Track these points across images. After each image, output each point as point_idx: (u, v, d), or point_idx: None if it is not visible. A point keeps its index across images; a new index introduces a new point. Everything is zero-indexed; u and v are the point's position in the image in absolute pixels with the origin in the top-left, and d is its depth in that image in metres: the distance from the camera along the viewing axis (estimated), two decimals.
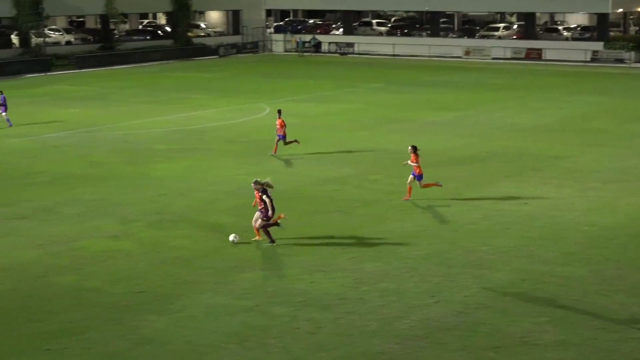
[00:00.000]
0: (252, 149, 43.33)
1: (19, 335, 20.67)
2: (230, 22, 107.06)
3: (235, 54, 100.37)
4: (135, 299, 22.98)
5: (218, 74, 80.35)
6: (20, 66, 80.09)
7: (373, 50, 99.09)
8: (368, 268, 25.36)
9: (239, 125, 50.83)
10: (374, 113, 55.40)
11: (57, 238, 28.40)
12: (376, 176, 37.32)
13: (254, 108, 57.72)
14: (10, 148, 43.73)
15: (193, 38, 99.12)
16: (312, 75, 78.73)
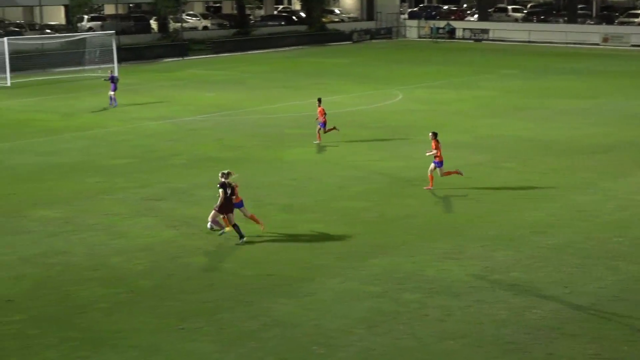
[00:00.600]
0: (384, 134, 43.26)
1: (156, 313, 21.12)
2: (364, 8, 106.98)
3: (369, 40, 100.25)
4: (265, 282, 23.21)
5: (351, 60, 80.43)
6: (158, 51, 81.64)
7: (508, 36, 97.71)
8: (499, 256, 25.06)
9: (372, 111, 50.82)
10: (507, 100, 54.68)
11: (192, 219, 28.89)
12: (508, 164, 36.83)
13: (386, 94, 57.63)
14: (150, 130, 44.66)
15: (327, 24, 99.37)
16: (445, 62, 78.16)
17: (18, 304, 21.74)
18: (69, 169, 36.24)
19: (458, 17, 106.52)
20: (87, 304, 21.71)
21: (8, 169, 36.38)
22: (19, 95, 58.08)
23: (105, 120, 47.95)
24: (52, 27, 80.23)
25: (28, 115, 50.29)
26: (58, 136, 43.24)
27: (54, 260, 24.97)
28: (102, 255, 25.39)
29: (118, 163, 37.44)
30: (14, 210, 30.03)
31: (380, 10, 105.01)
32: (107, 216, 29.31)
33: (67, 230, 27.75)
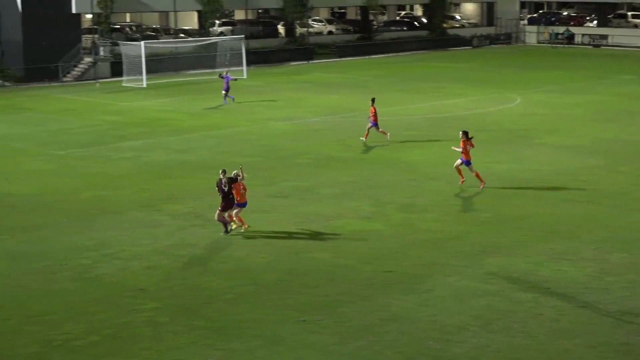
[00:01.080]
0: (501, 137, 42.74)
1: (278, 305, 21.29)
2: (484, 14, 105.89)
3: (488, 45, 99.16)
4: (384, 278, 23.18)
5: (471, 64, 79.72)
6: (285, 54, 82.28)
7: (627, 42, 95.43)
8: (614, 259, 24.51)
9: (490, 114, 50.26)
10: (624, 105, 53.44)
11: (315, 217, 29.04)
12: (624, 167, 35.98)
13: (504, 98, 56.92)
14: (275, 130, 45.05)
15: (448, 29, 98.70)
16: (563, 67, 76.77)
17: (150, 293, 22.18)
18: (199, 166, 36.81)
19: (577, 23, 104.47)
20: (214, 295, 22.02)
21: (143, 165, 37.16)
22: (154, 95, 59.28)
23: (233, 120, 48.56)
24: (186, 31, 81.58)
25: (162, 114, 51.28)
26: (189, 135, 43.97)
27: (183, 252, 25.41)
28: (229, 249, 25.73)
29: (246, 161, 37.80)
30: (148, 205, 30.66)
31: (500, 16, 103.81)
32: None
33: (197, 224, 28.20)
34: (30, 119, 49.69)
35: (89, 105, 55.16)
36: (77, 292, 22.31)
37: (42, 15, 67.47)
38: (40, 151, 40.31)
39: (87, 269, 24.05)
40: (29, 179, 34.65)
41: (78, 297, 21.99)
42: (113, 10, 72.24)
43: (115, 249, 25.70)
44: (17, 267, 24.29)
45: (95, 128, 46.50)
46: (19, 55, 67.16)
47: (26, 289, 22.60)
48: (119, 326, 20.11)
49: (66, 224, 28.36)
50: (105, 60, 69.91)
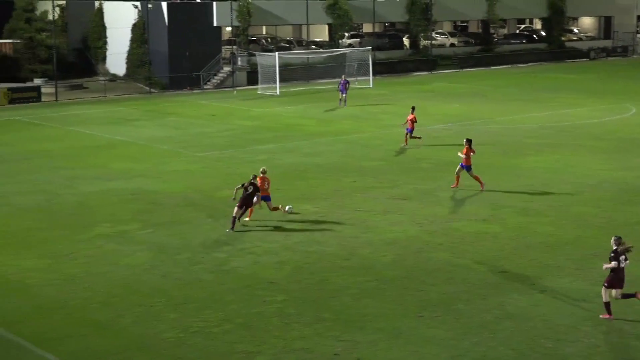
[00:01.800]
0: (617, 146, 41.75)
1: (399, 301, 21.30)
2: (601, 27, 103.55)
3: (605, 57, 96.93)
4: (500, 278, 22.95)
5: (587, 76, 78.04)
6: (409, 65, 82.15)
7: None
8: None
9: (605, 124, 49.13)
10: None
11: (434, 218, 28.93)
12: None
13: (620, 108, 55.54)
14: (400, 137, 44.94)
15: (566, 42, 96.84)
16: None
17: (280, 286, 22.47)
18: (328, 169, 37.06)
19: None
20: (339, 289, 22.17)
21: (277, 167, 37.58)
22: (286, 102, 59.94)
23: (360, 126, 48.73)
24: (317, 43, 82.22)
25: (294, 120, 51.83)
26: (319, 139, 44.32)
27: (312, 249, 25.64)
28: (353, 247, 25.84)
29: (371, 165, 37.96)
30: (279, 204, 30.98)
31: (617, 29, 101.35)
32: (359, 212, 29.80)
33: (324, 223, 28.41)
34: (174, 123, 50.88)
35: (227, 110, 56.16)
36: (214, 283, 22.78)
37: (186, 28, 69.05)
38: (183, 153, 41.25)
39: (223, 262, 24.51)
40: (173, 178, 35.51)
41: (215, 287, 22.45)
42: (251, 23, 73.38)
43: (249, 244, 26.12)
44: (162, 258, 24.94)
45: (232, 132, 47.31)
46: (165, 64, 68.86)
47: (169, 278, 23.18)
48: (251, 316, 20.44)
49: (205, 220, 28.95)
50: (243, 70, 71.06)
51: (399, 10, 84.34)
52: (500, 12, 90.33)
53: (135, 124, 50.89)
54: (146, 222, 28.78)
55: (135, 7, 70.34)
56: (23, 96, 61.17)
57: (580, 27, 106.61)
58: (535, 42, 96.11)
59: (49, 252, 25.51)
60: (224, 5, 71.63)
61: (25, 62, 69.48)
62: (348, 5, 78.94)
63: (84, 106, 59.16)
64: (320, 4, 79.10)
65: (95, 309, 20.96)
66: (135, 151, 41.89)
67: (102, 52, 73.87)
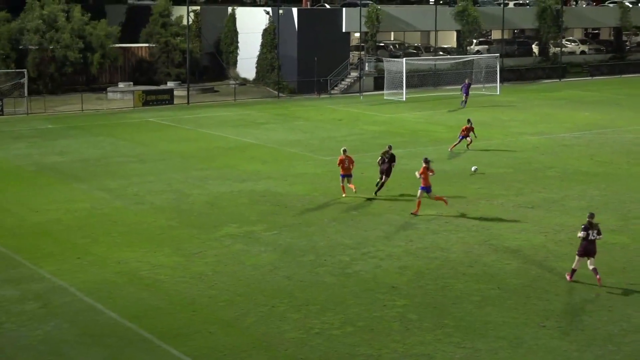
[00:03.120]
0: None
1: (521, 310, 21.01)
2: None
3: None
4: (628, 290, 22.38)
5: None
6: (538, 72, 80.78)
7: None
8: None
9: None
10: None
11: (561, 227, 28.40)
12: None
13: None
14: (528, 144, 44.32)
15: None
16: None
17: (402, 291, 22.45)
18: (454, 175, 36.76)
19: None
20: (461, 296, 22.01)
21: (403, 171, 37.23)
22: (413, 108, 59.76)
23: (488, 133, 48.13)
24: (445, 49, 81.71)
25: (421, 126, 51.64)
26: (446, 146, 44.01)
27: (434, 255, 25.52)
28: (477, 254, 25.61)
29: (497, 172, 37.51)
30: (404, 209, 30.95)
31: None
32: (483, 219, 29.49)
33: (448, 230, 28.24)
34: (302, 127, 51.39)
35: (354, 115, 56.37)
36: (336, 286, 22.92)
37: (315, 33, 69.67)
38: (310, 156, 41.63)
39: (346, 265, 24.64)
40: (300, 181, 35.87)
41: (337, 290, 22.59)
42: (379, 29, 73.47)
43: (372, 248, 26.18)
44: (286, 259, 25.24)
45: (359, 136, 47.47)
46: (294, 69, 69.61)
47: (293, 279, 23.44)
48: (372, 319, 20.49)
49: (330, 223, 29.15)
50: (370, 75, 71.23)
51: (529, 17, 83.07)
52: (634, 19, 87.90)
53: (265, 127, 51.63)
54: (273, 223, 29.17)
55: (267, 12, 71.38)
56: (157, 98, 62.86)
57: None
58: None
59: (179, 250, 26.14)
60: (353, 12, 71.93)
61: (160, 65, 71.49)
62: (477, 11, 78.22)
63: (214, 109, 60.36)
64: (449, 10, 78.60)
65: (221, 307, 21.37)
66: (264, 153, 42.49)
67: (234, 56, 75.21)
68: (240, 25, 74.89)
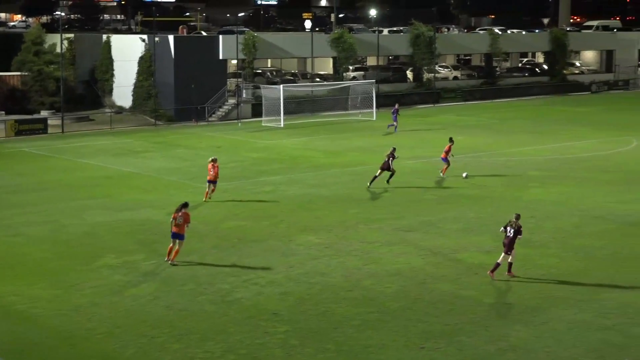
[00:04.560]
0: (622, 178, 41.70)
1: (402, 332, 21.22)
2: (603, 61, 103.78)
3: (607, 91, 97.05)
4: (503, 309, 22.89)
5: (590, 109, 78.09)
6: (413, 98, 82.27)
7: None
8: None
9: (610, 156, 49.10)
10: None
11: (439, 249, 28.87)
12: None
13: (623, 140, 55.52)
14: (406, 168, 44.91)
15: (568, 75, 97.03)
16: None
17: (283, 317, 22.40)
18: (334, 200, 37.04)
19: None
20: (342, 320, 22.10)
21: (282, 198, 37.60)
22: (292, 134, 60.00)
23: (366, 158, 48.71)
24: (321, 75, 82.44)
25: (299, 152, 51.86)
26: (325, 171, 44.33)
27: (315, 280, 25.58)
28: (357, 278, 25.78)
29: (376, 196, 37.92)
30: (284, 235, 31.02)
31: (619, 63, 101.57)
32: (363, 243, 29.76)
33: (328, 255, 28.37)
34: (182, 155, 50.94)
35: (233, 142, 56.25)
36: (218, 314, 22.71)
37: (192, 61, 69.34)
38: (190, 184, 41.27)
39: (227, 292, 24.45)
40: None
41: (218, 318, 22.39)
42: (256, 56, 73.66)
43: (253, 275, 26.07)
44: (166, 288, 24.88)
45: (239, 164, 47.35)
46: (171, 97, 69.07)
47: (173, 309, 23.12)
48: (254, 347, 20.37)
49: (210, 251, 28.91)
50: (248, 102, 71.23)
51: (403, 44, 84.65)
52: (504, 45, 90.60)
53: (143, 155, 50.98)
54: (153, 252, 28.76)
55: (143, 40, 70.71)
56: (30, 128, 61.33)
57: (582, 60, 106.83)
58: (538, 75, 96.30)
59: (56, 282, 25.48)
60: (230, 39, 71.96)
61: (33, 94, 69.80)
62: (353, 38, 79.29)
63: (91, 138, 59.30)
64: (325, 37, 79.44)
65: (100, 340, 20.90)
66: (144, 182, 41.94)
67: (109, 84, 74.13)
68: (115, 53, 73.91)
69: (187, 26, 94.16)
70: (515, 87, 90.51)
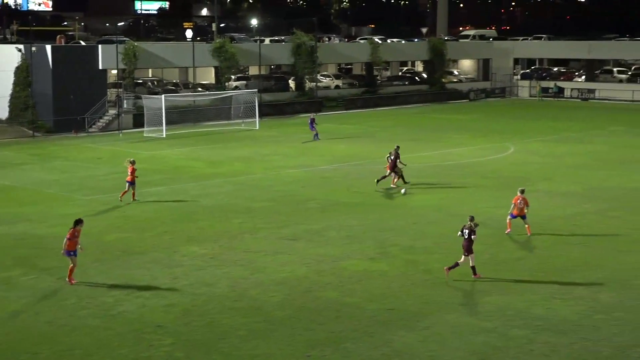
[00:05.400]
0: (500, 183, 42.76)
1: (288, 341, 21.25)
2: (480, 70, 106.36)
3: (484, 98, 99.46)
4: (387, 315, 23.15)
5: (469, 116, 79.89)
6: (296, 107, 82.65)
7: (613, 96, 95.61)
8: (604, 298, 24.44)
9: (488, 163, 50.32)
10: (615, 154, 53.38)
11: (323, 258, 29.05)
12: (616, 212, 35.93)
13: (500, 147, 56.99)
14: (289, 177, 45.15)
15: (447, 84, 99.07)
16: (555, 118, 76.81)
17: (168, 329, 22.17)
18: (217, 210, 36.88)
19: (567, 78, 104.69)
20: (229, 331, 22.01)
21: (166, 209, 37.24)
22: (174, 145, 59.50)
23: (249, 167, 48.70)
24: (204, 85, 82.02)
25: (182, 162, 51.46)
26: (208, 181, 44.09)
27: (200, 291, 25.41)
28: (243, 288, 25.72)
29: (260, 206, 37.93)
30: (168, 247, 30.72)
31: (495, 71, 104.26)
32: (248, 253, 29.72)
33: (213, 265, 28.22)
34: (61, 167, 49.90)
35: (114, 153, 55.42)
36: (101, 328, 22.32)
37: (71, 71, 68.06)
38: (70, 196, 40.46)
39: (110, 306, 24.05)
40: (60, 223, 34.67)
41: (102, 332, 22.01)
42: (137, 66, 72.80)
43: (137, 287, 25.71)
44: (47, 304, 24.32)
45: (120, 175, 46.54)
46: (49, 107, 67.61)
47: (55, 324, 22.61)
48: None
49: (92, 264, 28.39)
50: (129, 113, 70.30)
51: (285, 53, 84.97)
52: (384, 54, 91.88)
53: (21, 167, 49.74)
54: (32, 267, 28.07)
55: (19, 50, 69.03)
56: None
57: (460, 69, 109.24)
58: (418, 83, 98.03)
59: None
60: (110, 48, 70.92)
61: None
62: (234, 48, 79.21)
63: None
64: (207, 47, 79.11)
65: None
66: (22, 195, 40.91)
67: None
68: None
69: (65, 35, 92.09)
70: (396, 96, 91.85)
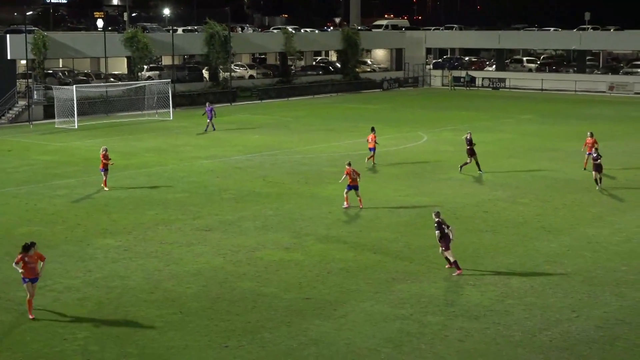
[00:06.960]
0: (412, 172, 43.22)
1: (204, 332, 21.18)
2: (393, 59, 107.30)
3: (398, 88, 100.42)
4: (303, 305, 23.23)
5: (382, 106, 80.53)
6: (210, 97, 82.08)
7: (523, 85, 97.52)
8: (514, 283, 24.92)
9: (401, 151, 50.82)
10: (524, 142, 54.43)
11: (238, 248, 28.99)
12: (525, 199, 36.64)
13: (414, 136, 57.62)
14: (202, 168, 44.91)
15: (360, 73, 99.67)
16: (467, 107, 78.00)
17: (82, 323, 21.88)
18: (131, 202, 36.49)
19: (478, 67, 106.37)
20: (144, 323, 21.82)
21: (77, 202, 36.71)
22: (86, 136, 58.65)
23: (162, 159, 48.30)
24: (116, 76, 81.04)
25: (94, 154, 50.61)
26: (121, 173, 43.56)
27: (114, 284, 25.13)
28: (158, 280, 25.52)
29: (174, 197, 37.65)
30: (81, 240, 30.30)
31: (408, 61, 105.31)
32: (163, 245, 29.49)
33: (127, 257, 27.93)
34: None
35: (24, 145, 54.38)
36: (13, 323, 21.92)
37: None
38: None
39: (22, 301, 23.57)
40: None
41: (14, 327, 21.62)
42: (47, 56, 71.52)
43: (49, 281, 25.28)
44: None
45: (30, 167, 45.83)
46: None
47: None
48: (52, 355, 19.80)
49: (3, 258, 27.83)
50: (39, 104, 69.03)
51: (198, 43, 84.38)
52: (298, 44, 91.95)
53: None
54: None
55: None
56: None
57: (374, 59, 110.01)
58: (332, 73, 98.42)
59: None
60: (18, 38, 69.53)
61: None
62: (147, 37, 78.35)
63: None
64: (119, 37, 78.10)
65: None
66: None
67: None
68: None
69: None
70: (310, 85, 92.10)
